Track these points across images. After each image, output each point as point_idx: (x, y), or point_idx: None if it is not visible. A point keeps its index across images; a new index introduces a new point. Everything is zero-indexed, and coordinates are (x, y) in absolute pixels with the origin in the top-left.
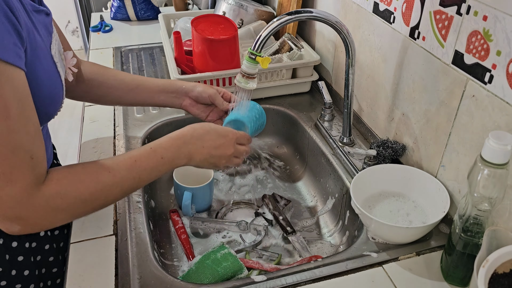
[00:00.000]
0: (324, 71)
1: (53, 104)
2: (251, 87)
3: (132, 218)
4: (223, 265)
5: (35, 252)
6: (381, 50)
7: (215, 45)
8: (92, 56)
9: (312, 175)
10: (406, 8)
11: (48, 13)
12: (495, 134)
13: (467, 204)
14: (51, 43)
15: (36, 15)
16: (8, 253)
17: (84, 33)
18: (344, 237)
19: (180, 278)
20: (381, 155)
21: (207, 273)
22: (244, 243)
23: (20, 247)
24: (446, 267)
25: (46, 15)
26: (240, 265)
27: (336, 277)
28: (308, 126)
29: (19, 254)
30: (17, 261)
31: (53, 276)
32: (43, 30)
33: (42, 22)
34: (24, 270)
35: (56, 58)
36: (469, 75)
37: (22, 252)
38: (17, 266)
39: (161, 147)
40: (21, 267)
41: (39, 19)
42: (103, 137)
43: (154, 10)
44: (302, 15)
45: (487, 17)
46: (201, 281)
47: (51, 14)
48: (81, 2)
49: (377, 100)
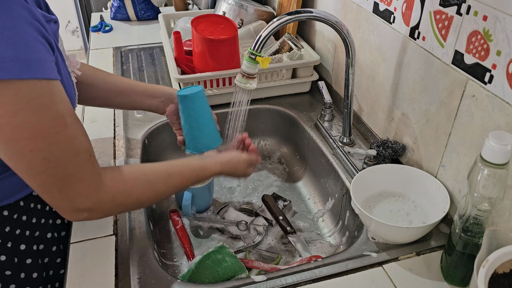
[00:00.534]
0: (324, 71)
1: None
2: (251, 87)
3: (132, 218)
4: (223, 265)
5: (42, 254)
6: (381, 50)
7: (215, 45)
8: (92, 56)
9: (312, 175)
10: (406, 8)
11: (56, 21)
12: (495, 134)
13: (467, 204)
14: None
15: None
16: (17, 256)
17: (84, 33)
18: (344, 237)
19: (180, 278)
20: (381, 155)
21: (207, 273)
22: (244, 243)
23: (28, 249)
24: (446, 267)
25: (55, 23)
26: (240, 265)
27: (336, 277)
28: (308, 126)
29: (27, 257)
30: (25, 263)
31: (60, 277)
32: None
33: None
34: (32, 272)
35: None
36: (469, 75)
37: (30, 255)
38: (25, 269)
39: (207, 173)
40: (30, 269)
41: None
42: (103, 137)
43: (154, 10)
44: (302, 15)
45: (487, 17)
46: (201, 281)
47: (58, 22)
48: (81, 2)
49: (377, 100)
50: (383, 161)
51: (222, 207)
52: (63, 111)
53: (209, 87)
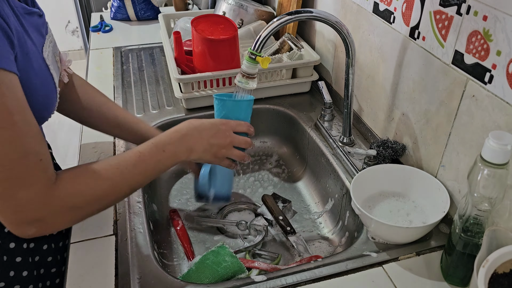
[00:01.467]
0: (324, 71)
1: (47, 107)
2: (251, 87)
3: (132, 218)
4: (223, 265)
5: (33, 252)
6: (381, 50)
7: (215, 45)
8: (92, 56)
9: (312, 175)
10: (406, 8)
11: (41, 15)
12: (495, 134)
13: (467, 204)
14: (43, 46)
15: (27, 17)
16: (6, 254)
17: (84, 33)
18: (344, 237)
19: (180, 278)
20: (381, 155)
21: (207, 273)
22: (244, 243)
23: (18, 248)
24: (446, 267)
25: (39, 17)
26: (240, 265)
27: (336, 277)
28: (308, 126)
29: (17, 255)
30: (15, 262)
31: (52, 276)
32: (34, 33)
33: (34, 24)
34: (22, 271)
35: (49, 60)
36: (469, 75)
37: (20, 253)
38: (15, 267)
39: (161, 142)
40: (20, 268)
41: (31, 22)
42: (103, 137)
43: (154, 10)
44: (302, 15)
45: (487, 17)
46: (201, 281)
47: (44, 15)
48: (81, 2)
49: (377, 100)
50: (383, 161)
51: (222, 207)
52: (11, 107)
53: (209, 87)
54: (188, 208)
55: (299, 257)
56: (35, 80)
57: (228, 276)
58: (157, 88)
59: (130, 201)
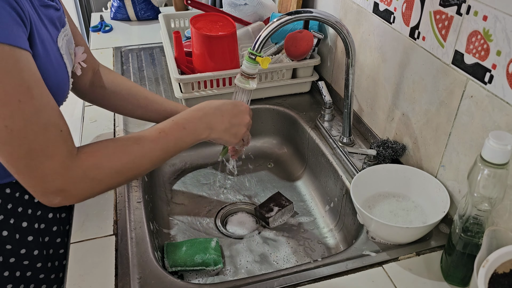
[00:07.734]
0: (324, 71)
1: (59, 93)
2: (251, 87)
3: (132, 218)
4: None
5: (43, 233)
6: (381, 50)
7: (213, 43)
8: None
9: (312, 175)
10: (406, 8)
11: (58, 8)
12: (495, 134)
13: (467, 204)
14: (57, 37)
15: (43, 9)
16: (19, 232)
17: (84, 33)
18: (344, 237)
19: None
20: (381, 155)
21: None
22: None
23: (30, 227)
24: (446, 267)
25: (56, 10)
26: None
27: (336, 277)
28: (308, 126)
29: (29, 235)
30: (27, 240)
31: (60, 257)
32: (49, 24)
33: (49, 17)
34: (33, 250)
35: (63, 50)
36: (469, 75)
37: (31, 232)
38: (26, 245)
39: (182, 119)
40: (31, 246)
41: (46, 14)
42: (103, 137)
43: (154, 10)
44: (302, 15)
45: (487, 17)
46: (175, 254)
47: (61, 9)
48: (81, 2)
49: (377, 100)
50: (383, 161)
51: (223, 207)
52: (29, 81)
53: (209, 87)
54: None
55: None
56: (50, 67)
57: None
58: (157, 88)
59: (130, 201)
